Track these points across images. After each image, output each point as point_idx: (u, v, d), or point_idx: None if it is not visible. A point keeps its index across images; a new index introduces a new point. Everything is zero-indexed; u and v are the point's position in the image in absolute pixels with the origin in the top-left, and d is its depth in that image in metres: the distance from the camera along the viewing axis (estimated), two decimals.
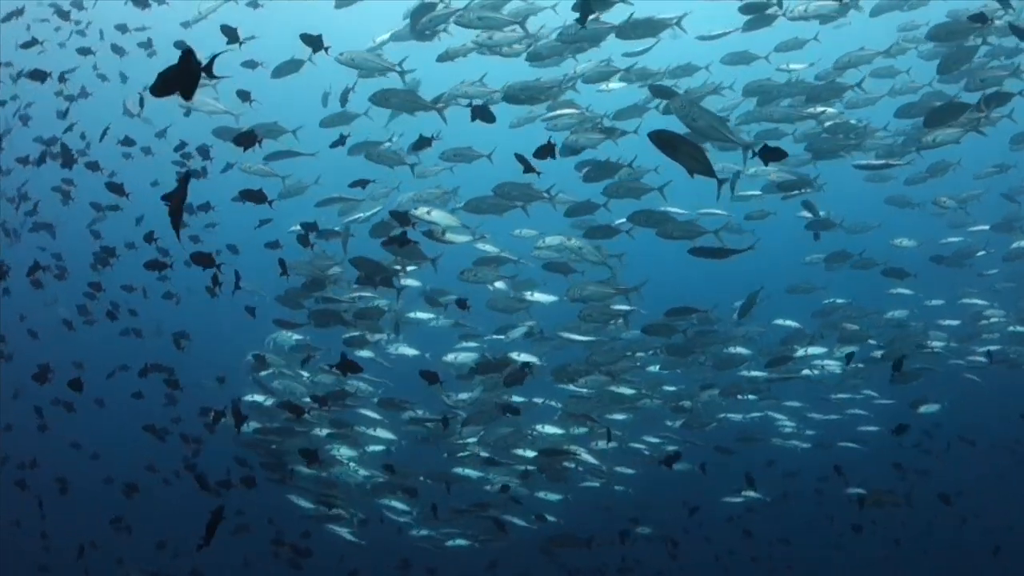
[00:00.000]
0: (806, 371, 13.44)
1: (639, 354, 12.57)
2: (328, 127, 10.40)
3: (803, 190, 10.50)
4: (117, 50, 14.39)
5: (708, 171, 6.27)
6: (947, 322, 13.62)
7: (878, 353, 12.88)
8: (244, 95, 10.27)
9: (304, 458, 10.74)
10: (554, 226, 10.26)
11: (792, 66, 11.01)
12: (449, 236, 8.76)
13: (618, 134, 9.59)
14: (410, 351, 11.64)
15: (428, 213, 8.74)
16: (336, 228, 10.35)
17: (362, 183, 9.87)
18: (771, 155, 7.45)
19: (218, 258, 8.51)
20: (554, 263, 10.27)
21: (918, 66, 10.64)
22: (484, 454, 12.17)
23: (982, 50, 9.26)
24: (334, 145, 9.71)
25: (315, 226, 10.05)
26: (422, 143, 9.70)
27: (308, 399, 10.97)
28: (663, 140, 6.03)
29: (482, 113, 8.64)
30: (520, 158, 7.77)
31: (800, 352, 13.09)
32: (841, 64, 10.43)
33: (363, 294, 10.15)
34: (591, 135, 9.46)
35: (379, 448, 12.50)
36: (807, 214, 11.59)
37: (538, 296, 10.41)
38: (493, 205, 9.16)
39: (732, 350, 12.85)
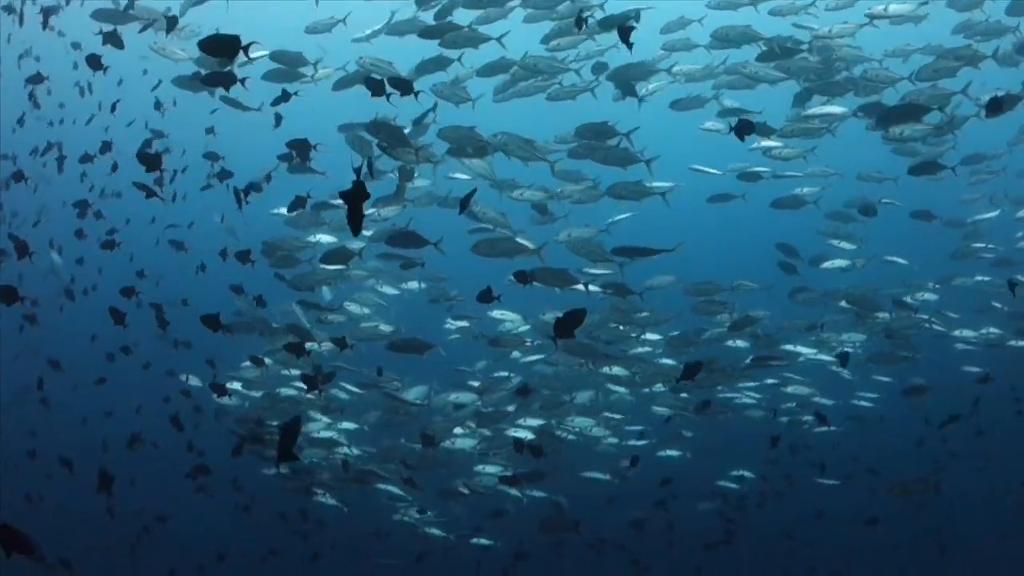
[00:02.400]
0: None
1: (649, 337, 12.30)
2: (272, 81, 9.71)
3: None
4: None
5: None
6: (927, 295, 13.02)
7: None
8: None
9: (305, 383, 10.55)
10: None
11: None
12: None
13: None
14: (387, 328, 11.37)
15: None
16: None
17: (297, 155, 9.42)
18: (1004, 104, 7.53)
19: None
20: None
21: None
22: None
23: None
24: (276, 102, 9.34)
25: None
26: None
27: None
28: None
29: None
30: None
31: (789, 347, 12.63)
32: (821, 35, 9.88)
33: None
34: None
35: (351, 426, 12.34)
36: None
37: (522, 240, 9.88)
38: (468, 136, 8.64)
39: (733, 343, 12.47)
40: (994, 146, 11.72)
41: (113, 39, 8.96)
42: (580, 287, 8.97)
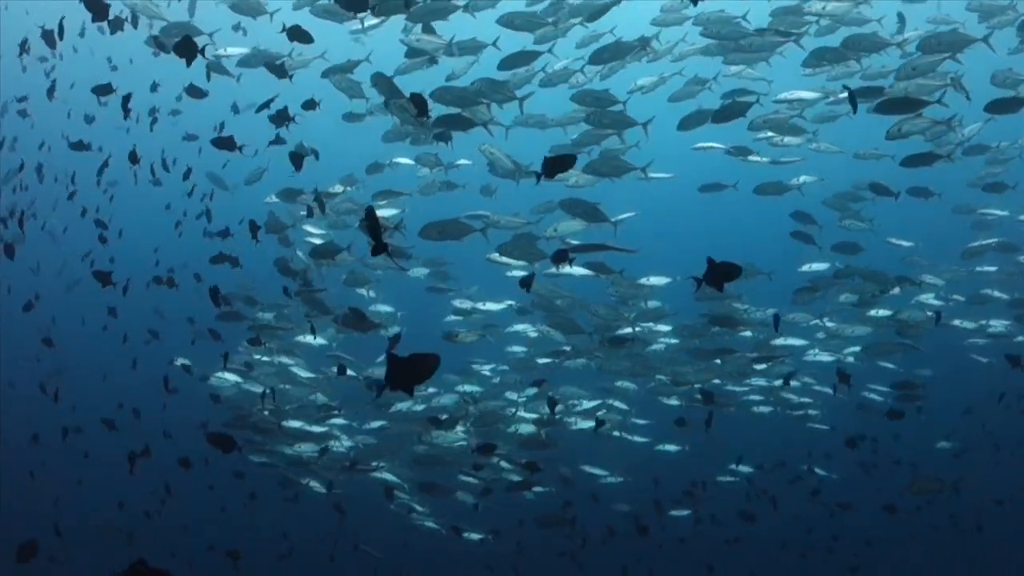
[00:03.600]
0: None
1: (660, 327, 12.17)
2: (247, 67, 9.54)
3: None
4: None
5: None
6: (932, 278, 12.74)
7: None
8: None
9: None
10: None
11: None
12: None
13: None
14: (385, 308, 11.31)
15: None
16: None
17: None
18: None
19: None
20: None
21: None
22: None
23: None
24: (259, 109, 9.23)
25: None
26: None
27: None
28: None
29: None
30: None
31: (782, 340, 12.44)
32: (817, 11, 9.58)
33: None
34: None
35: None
36: None
37: (502, 218, 9.66)
38: (461, 96, 8.46)
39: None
40: (999, 135, 11.40)
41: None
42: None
